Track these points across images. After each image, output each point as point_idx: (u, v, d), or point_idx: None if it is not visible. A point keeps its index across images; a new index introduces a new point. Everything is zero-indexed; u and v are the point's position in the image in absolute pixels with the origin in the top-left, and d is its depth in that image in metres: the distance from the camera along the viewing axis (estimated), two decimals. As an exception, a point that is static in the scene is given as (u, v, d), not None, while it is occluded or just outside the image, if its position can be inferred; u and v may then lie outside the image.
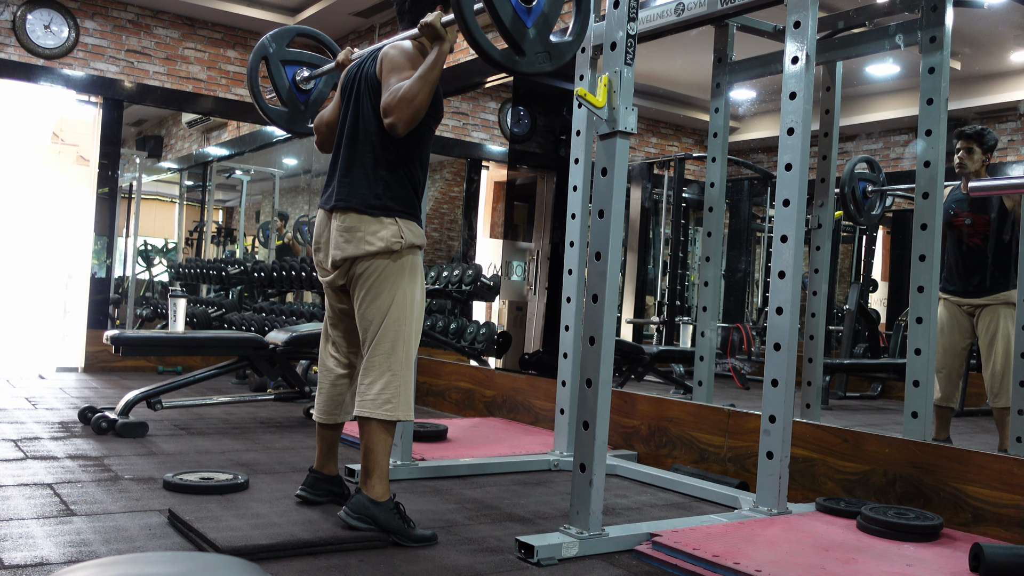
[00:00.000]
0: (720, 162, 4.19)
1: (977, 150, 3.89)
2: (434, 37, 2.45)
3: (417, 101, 2.41)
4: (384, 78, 2.53)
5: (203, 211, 10.10)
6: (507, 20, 2.25)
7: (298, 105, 3.23)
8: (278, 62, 3.20)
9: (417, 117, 2.45)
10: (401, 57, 2.54)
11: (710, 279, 4.22)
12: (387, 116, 2.45)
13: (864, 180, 5.10)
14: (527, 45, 2.30)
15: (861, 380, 6.51)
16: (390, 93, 2.45)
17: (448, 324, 5.82)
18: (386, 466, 2.54)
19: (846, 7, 4.18)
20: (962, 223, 3.99)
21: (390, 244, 2.53)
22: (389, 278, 2.55)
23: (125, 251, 8.70)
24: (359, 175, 2.57)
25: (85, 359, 6.51)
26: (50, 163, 10.36)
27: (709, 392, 4.12)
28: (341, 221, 2.57)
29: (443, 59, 2.46)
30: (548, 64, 2.35)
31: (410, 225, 2.58)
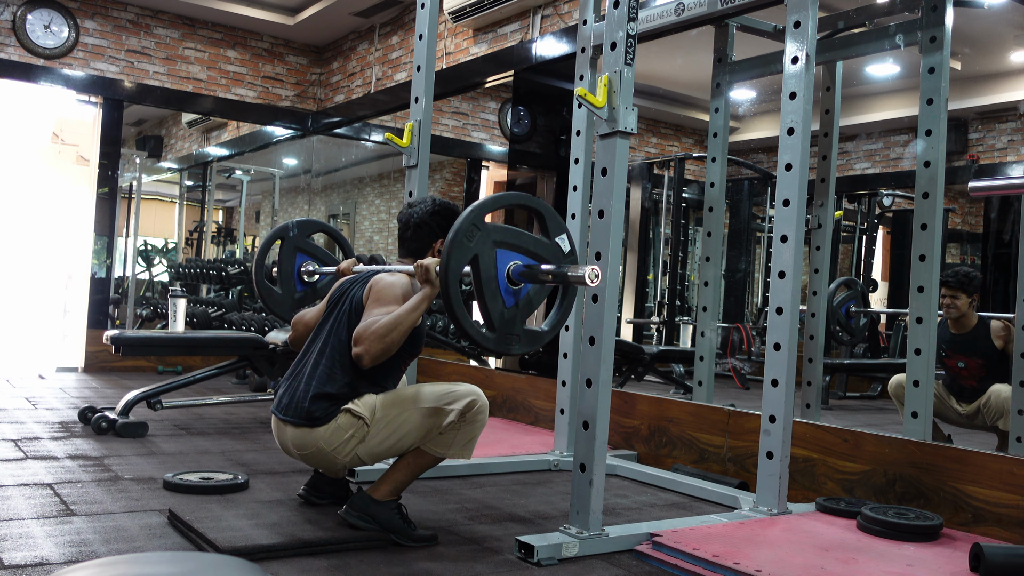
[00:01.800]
0: (720, 162, 4.19)
1: (963, 296, 3.89)
2: (424, 281, 2.41)
3: (388, 339, 2.36)
4: (368, 306, 2.49)
5: (203, 211, 10.10)
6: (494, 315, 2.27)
7: (293, 293, 3.28)
8: (292, 247, 3.28)
9: (385, 354, 2.38)
10: (389, 292, 2.49)
11: (710, 279, 4.22)
12: (356, 345, 2.39)
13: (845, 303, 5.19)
14: (502, 325, 2.30)
15: (861, 380, 6.51)
16: (365, 324, 2.40)
17: (448, 324, 5.81)
18: (408, 484, 2.56)
19: (846, 7, 4.18)
20: (955, 365, 3.98)
21: (358, 429, 2.46)
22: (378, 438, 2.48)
23: (125, 251, 8.70)
24: (313, 385, 2.48)
25: (85, 359, 6.51)
26: (50, 163, 10.36)
27: (709, 392, 4.12)
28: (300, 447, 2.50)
29: (426, 304, 2.41)
30: (519, 348, 2.35)
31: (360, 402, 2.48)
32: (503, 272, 2.30)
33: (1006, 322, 3.89)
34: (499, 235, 2.28)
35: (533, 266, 2.32)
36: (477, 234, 2.23)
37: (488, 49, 5.78)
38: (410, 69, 6.02)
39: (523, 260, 2.33)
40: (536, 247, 2.35)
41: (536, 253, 2.35)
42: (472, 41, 5.94)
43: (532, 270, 2.31)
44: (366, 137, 7.74)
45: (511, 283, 2.31)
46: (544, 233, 2.40)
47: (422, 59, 3.43)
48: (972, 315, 3.94)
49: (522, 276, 2.31)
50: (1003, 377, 3.82)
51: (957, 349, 3.97)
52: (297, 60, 7.63)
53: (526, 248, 2.34)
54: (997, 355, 3.87)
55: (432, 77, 3.43)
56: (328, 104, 7.61)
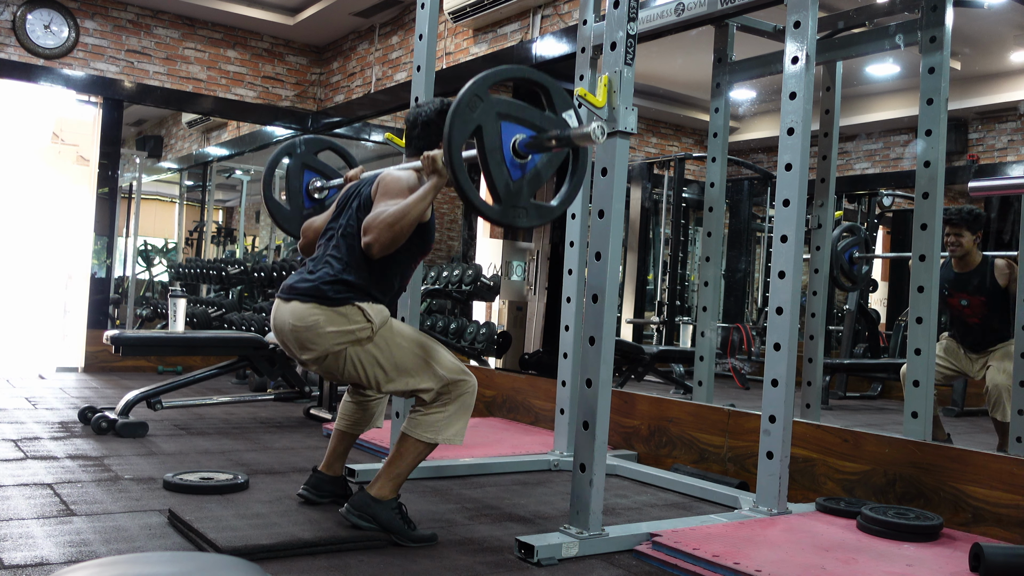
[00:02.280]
0: (720, 162, 4.19)
1: (967, 234, 3.89)
2: (432, 171, 2.42)
3: (397, 227, 2.36)
4: (376, 200, 2.51)
5: (203, 211, 10.10)
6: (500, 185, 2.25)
7: (302, 210, 3.26)
8: (300, 164, 3.27)
9: (395, 243, 2.39)
10: (396, 185, 2.51)
11: (710, 279, 4.22)
12: (366, 234, 2.40)
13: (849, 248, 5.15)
14: (510, 199, 2.28)
15: (861, 380, 6.51)
16: (374, 213, 2.42)
17: (448, 324, 5.82)
18: (405, 476, 2.55)
19: (846, 7, 4.18)
20: (958, 304, 3.98)
21: (357, 333, 2.47)
22: (374, 362, 2.50)
23: (125, 251, 8.70)
24: (322, 272, 2.51)
25: (85, 359, 6.51)
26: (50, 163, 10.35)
27: (709, 392, 4.12)
28: (299, 318, 2.48)
29: (434, 194, 2.42)
30: (527, 222, 2.33)
31: (373, 307, 2.50)
32: (508, 144, 2.25)
33: (1009, 260, 3.90)
34: (503, 107, 2.23)
35: (538, 135, 2.28)
36: (480, 105, 2.18)
37: (488, 49, 5.78)
38: (410, 69, 6.02)
39: (529, 133, 2.29)
40: (542, 121, 2.30)
41: (542, 127, 2.30)
42: (472, 41, 5.94)
43: (537, 139, 2.27)
44: (366, 137, 7.74)
45: (517, 156, 2.27)
46: (551, 108, 2.35)
47: (422, 59, 3.43)
48: (976, 253, 3.92)
49: (528, 147, 2.27)
50: (1004, 316, 3.85)
51: (960, 287, 3.96)
52: (297, 60, 7.63)
53: (531, 122, 2.29)
54: (1000, 293, 3.88)
55: (432, 77, 3.43)
56: (328, 104, 7.61)
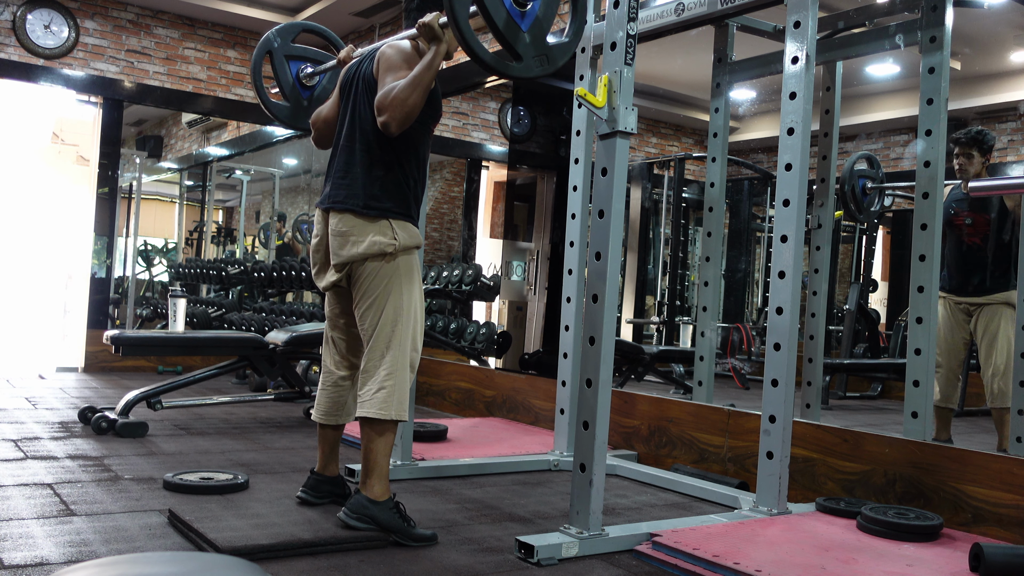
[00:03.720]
0: (720, 162, 4.19)
1: (976, 155, 3.90)
2: (431, 37, 2.45)
3: (410, 101, 2.41)
4: (380, 77, 2.53)
5: (203, 211, 10.10)
6: (501, 24, 2.24)
7: (301, 101, 3.22)
8: (282, 57, 3.19)
9: (410, 117, 2.44)
10: (397, 57, 2.54)
11: (710, 279, 4.22)
12: (380, 115, 2.44)
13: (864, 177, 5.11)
14: (522, 49, 2.28)
15: (861, 380, 6.51)
16: (384, 92, 2.45)
17: (448, 324, 5.82)
18: (386, 466, 2.54)
19: (846, 7, 4.18)
20: (962, 223, 3.99)
21: (383, 247, 2.52)
22: (384, 280, 2.55)
23: (125, 251, 8.70)
24: (355, 175, 2.57)
25: (85, 359, 6.51)
26: (50, 163, 10.36)
27: (709, 392, 4.12)
28: (336, 223, 2.57)
29: (439, 60, 2.45)
30: (544, 67, 2.33)
31: (404, 226, 2.57)
32: None
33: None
34: None
35: None
36: None
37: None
38: (410, 69, 6.02)
39: None
40: None
41: None
42: (472, 41, 5.94)
43: None
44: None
45: (518, 5, 2.26)
46: None
47: (422, 59, 3.42)
48: (985, 175, 3.95)
49: None
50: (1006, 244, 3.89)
51: (967, 207, 3.99)
52: (297, 60, 7.62)
53: None
54: (1004, 213, 3.91)
55: (432, 77, 3.42)
56: (328, 104, 7.60)
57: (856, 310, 6.57)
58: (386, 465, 2.55)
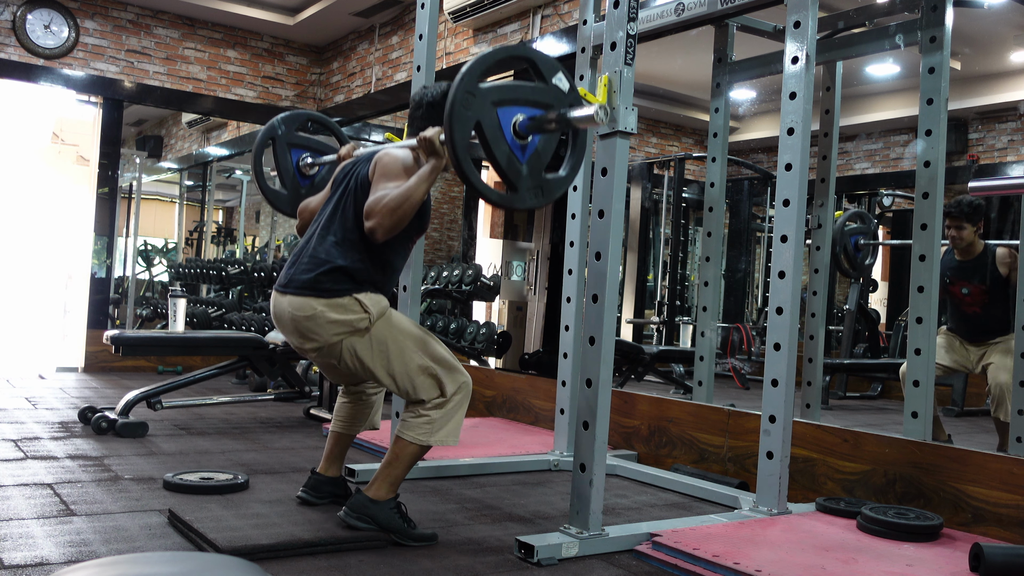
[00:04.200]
0: (720, 162, 4.19)
1: (967, 226, 3.89)
2: (430, 152, 2.41)
3: (400, 211, 2.36)
4: (375, 181, 2.49)
5: (203, 211, 10.10)
6: (502, 159, 2.24)
7: (299, 189, 3.22)
8: (285, 145, 3.21)
9: (398, 227, 2.39)
10: (395, 165, 2.50)
11: (710, 279, 4.22)
12: (368, 219, 2.39)
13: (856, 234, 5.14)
14: (518, 181, 2.28)
15: (861, 380, 6.50)
16: (376, 197, 2.41)
17: (448, 324, 5.82)
18: (402, 477, 2.55)
19: (846, 7, 4.18)
20: (959, 292, 3.98)
21: (355, 324, 2.47)
22: (371, 353, 2.50)
23: (125, 251, 8.70)
24: (319, 260, 2.50)
25: (85, 359, 6.51)
26: (50, 163, 10.36)
27: (709, 392, 4.12)
28: (297, 309, 2.48)
29: (435, 175, 2.41)
30: (538, 200, 2.33)
31: (370, 296, 2.50)
32: (509, 129, 2.25)
33: (1011, 249, 3.92)
34: (496, 95, 2.23)
35: (537, 116, 2.27)
36: (473, 101, 2.18)
37: (488, 49, 5.78)
38: (410, 69, 6.02)
39: (526, 111, 2.28)
40: (535, 95, 2.30)
41: (537, 101, 2.29)
42: (472, 41, 5.94)
43: (537, 120, 2.26)
44: (366, 137, 7.74)
45: (519, 137, 2.26)
46: (539, 78, 2.34)
47: (422, 59, 3.43)
48: (978, 243, 3.94)
49: (528, 129, 2.26)
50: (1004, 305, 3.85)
51: (961, 275, 3.97)
52: (297, 60, 7.63)
53: (526, 99, 2.28)
54: (1001, 281, 3.88)
55: (432, 77, 3.43)
56: (328, 104, 7.61)
57: (856, 310, 6.57)
58: (403, 477, 2.55)
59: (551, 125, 2.28)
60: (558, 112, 2.29)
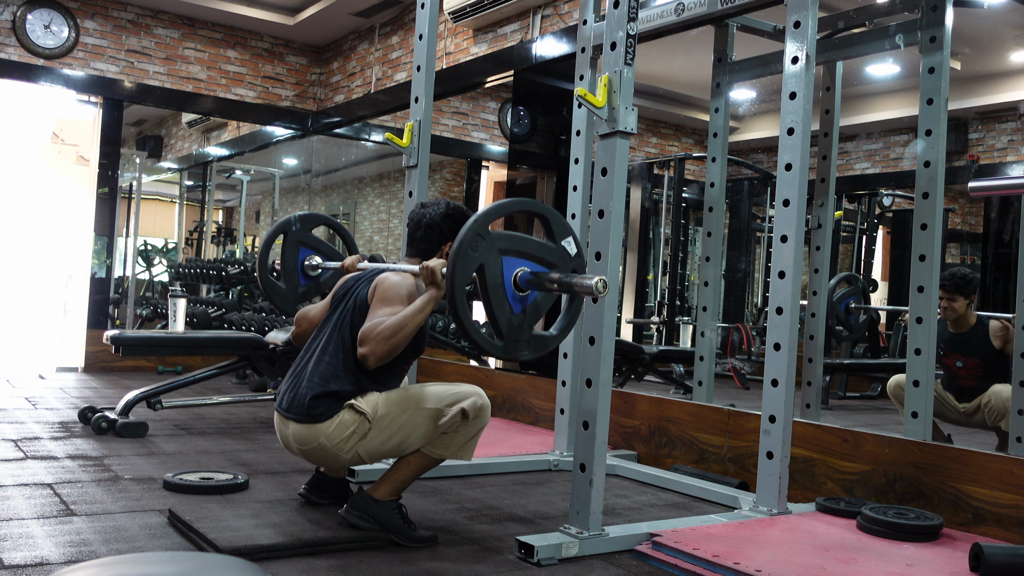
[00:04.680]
0: (720, 162, 4.19)
1: (960, 298, 3.89)
2: (430, 283, 2.40)
3: (394, 340, 2.36)
4: (373, 305, 2.49)
5: (203, 211, 10.10)
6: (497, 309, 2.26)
7: (297, 287, 3.27)
8: (295, 242, 3.27)
9: (391, 355, 2.39)
10: (394, 290, 2.49)
11: (710, 279, 4.22)
12: (362, 346, 2.39)
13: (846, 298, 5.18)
14: (511, 333, 2.29)
15: (861, 380, 6.50)
16: (371, 324, 2.40)
17: (448, 324, 5.82)
18: (408, 484, 2.56)
19: (846, 7, 4.18)
20: (953, 365, 3.98)
21: (360, 425, 2.46)
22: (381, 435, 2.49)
23: (125, 251, 8.69)
24: (315, 382, 2.49)
25: (85, 359, 6.51)
26: (50, 163, 10.36)
27: (709, 392, 4.12)
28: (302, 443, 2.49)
29: (431, 307, 2.41)
30: (528, 354, 2.35)
31: (363, 400, 2.49)
32: (509, 279, 2.28)
33: (1005, 322, 3.89)
34: (504, 243, 2.26)
35: (540, 273, 2.30)
36: (482, 244, 2.21)
37: (488, 49, 5.78)
38: (410, 69, 6.02)
39: (530, 266, 2.31)
40: (542, 252, 2.34)
41: (542, 258, 2.33)
42: (472, 41, 5.94)
43: (539, 278, 2.29)
44: (366, 137, 7.74)
45: (518, 289, 2.29)
46: (550, 237, 2.38)
47: (422, 59, 3.43)
48: (971, 315, 3.94)
49: (529, 284, 2.29)
50: (1001, 377, 3.82)
51: (955, 348, 3.96)
52: (297, 60, 7.63)
53: (532, 254, 2.32)
54: (995, 355, 3.87)
55: (432, 77, 3.43)
56: (328, 104, 7.61)
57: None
58: (409, 484, 2.56)
59: (552, 285, 2.29)
60: (560, 275, 2.30)
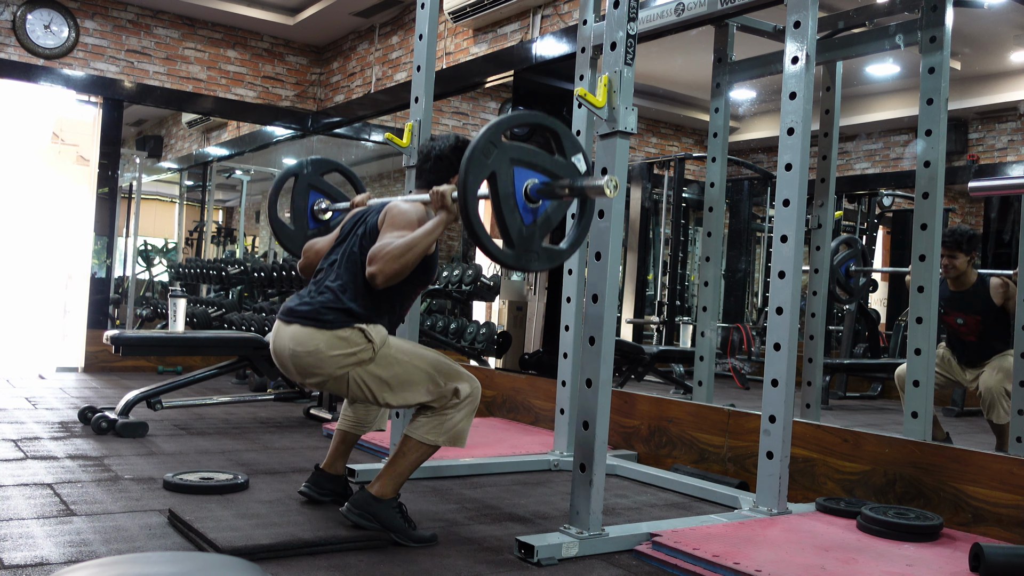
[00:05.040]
0: (720, 162, 4.19)
1: (960, 255, 3.89)
2: (440, 206, 2.44)
3: (402, 260, 2.38)
4: (383, 231, 2.52)
5: (203, 211, 10.10)
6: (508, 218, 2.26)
7: (305, 229, 3.27)
8: (306, 185, 3.27)
9: (399, 276, 2.40)
10: (403, 217, 2.51)
11: (710, 279, 4.22)
12: (370, 264, 2.41)
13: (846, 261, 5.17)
14: (522, 244, 2.30)
15: (861, 380, 6.51)
16: (380, 244, 2.43)
17: (448, 324, 5.82)
18: (407, 477, 2.56)
19: (846, 7, 4.18)
20: (954, 322, 3.99)
21: (359, 355, 2.48)
22: (378, 381, 2.51)
23: (125, 251, 8.70)
24: (324, 295, 2.51)
25: (85, 359, 6.51)
26: (50, 163, 10.36)
27: (709, 392, 4.12)
28: (299, 343, 2.48)
29: (441, 229, 2.44)
30: (540, 265, 2.36)
31: (375, 328, 2.51)
32: (521, 190, 2.28)
33: (1005, 279, 3.92)
34: (516, 153, 2.26)
35: (550, 182, 2.31)
36: (494, 152, 2.21)
37: (488, 49, 5.79)
38: (410, 69, 6.02)
39: (540, 178, 2.32)
40: (553, 165, 2.34)
41: (553, 171, 2.33)
42: (472, 41, 5.95)
43: (549, 186, 2.31)
44: (366, 137, 7.74)
45: (529, 201, 2.29)
46: (560, 152, 2.38)
47: (422, 59, 3.43)
48: (971, 273, 3.94)
49: (540, 193, 2.30)
50: (1000, 336, 3.86)
51: (956, 306, 3.97)
52: (297, 60, 7.63)
53: (543, 166, 2.32)
54: (996, 311, 3.89)
55: (432, 77, 3.43)
56: (328, 104, 7.61)
57: (856, 310, 6.57)
58: (407, 476, 2.56)
59: (563, 191, 2.31)
60: (573, 181, 2.32)
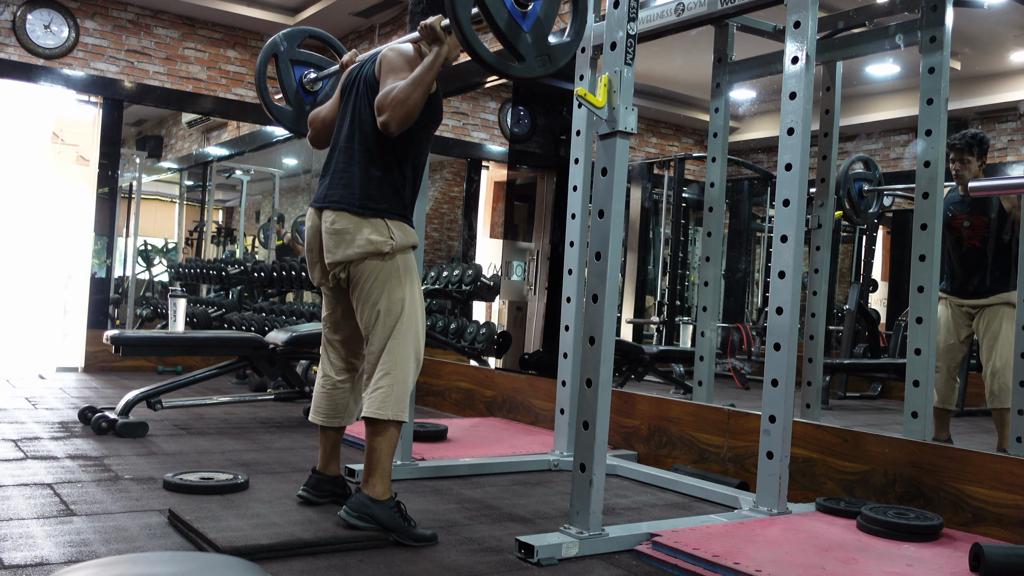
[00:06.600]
0: (720, 162, 4.19)
1: (972, 159, 3.89)
2: (432, 39, 2.46)
3: (410, 101, 2.42)
4: (381, 78, 2.55)
5: (203, 211, 10.10)
6: (502, 24, 2.24)
7: (303, 106, 3.23)
8: (287, 61, 3.21)
9: (410, 117, 2.45)
10: (399, 59, 2.56)
11: (710, 279, 4.22)
12: (380, 114, 2.46)
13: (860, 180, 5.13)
14: (524, 49, 2.28)
15: (861, 380, 6.51)
16: (384, 92, 2.47)
17: (448, 324, 5.82)
18: (388, 466, 2.55)
19: (846, 7, 4.18)
20: (960, 225, 3.99)
21: (379, 246, 2.53)
22: (383, 279, 2.55)
23: (125, 251, 8.70)
24: (352, 175, 2.58)
25: (85, 359, 6.51)
26: (50, 163, 10.36)
27: (709, 392, 4.12)
28: (331, 222, 2.57)
29: (440, 61, 2.46)
30: (546, 68, 2.34)
31: (401, 226, 2.58)
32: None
33: None
34: None
35: None
36: None
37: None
38: (410, 69, 6.02)
39: None
40: None
41: None
42: (472, 41, 5.94)
43: None
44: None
45: (519, 5, 2.27)
46: None
47: (422, 59, 3.42)
48: (982, 177, 3.94)
49: None
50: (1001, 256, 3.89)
51: (964, 208, 3.98)
52: (297, 60, 7.62)
53: None
54: (1002, 214, 3.91)
55: (432, 77, 3.42)
56: (328, 104, 7.60)
57: (856, 310, 6.57)
58: (389, 465, 2.55)
59: None
60: None
